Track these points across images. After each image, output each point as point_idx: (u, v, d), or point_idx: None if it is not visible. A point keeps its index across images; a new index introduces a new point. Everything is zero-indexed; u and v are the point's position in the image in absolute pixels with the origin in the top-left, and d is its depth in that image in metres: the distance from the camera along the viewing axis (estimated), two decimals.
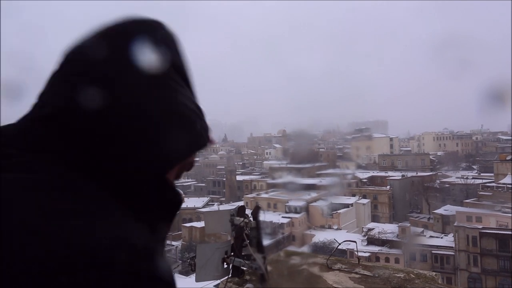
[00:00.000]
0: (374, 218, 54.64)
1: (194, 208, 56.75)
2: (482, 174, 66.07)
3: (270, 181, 68.51)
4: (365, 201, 54.92)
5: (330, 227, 46.79)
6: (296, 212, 48.98)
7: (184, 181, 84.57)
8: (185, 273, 31.43)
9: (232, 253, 2.56)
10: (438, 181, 62.73)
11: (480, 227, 38.62)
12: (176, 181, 0.64)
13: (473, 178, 61.17)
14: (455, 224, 40.57)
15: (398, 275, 2.98)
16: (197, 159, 0.71)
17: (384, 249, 40.82)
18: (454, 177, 63.80)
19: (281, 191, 58.52)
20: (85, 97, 0.52)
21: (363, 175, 65.92)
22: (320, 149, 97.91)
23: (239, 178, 73.72)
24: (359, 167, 78.77)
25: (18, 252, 0.40)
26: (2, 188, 0.45)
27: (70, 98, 0.53)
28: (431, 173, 68.06)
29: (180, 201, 0.62)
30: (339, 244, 5.86)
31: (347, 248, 29.29)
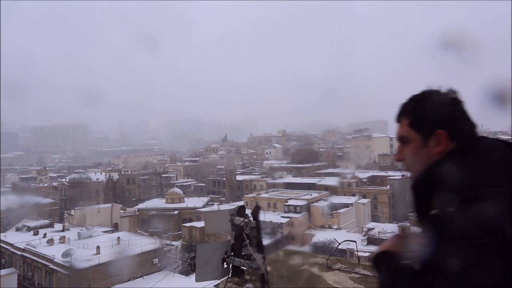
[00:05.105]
0: (374, 218, 54.56)
1: (194, 208, 56.68)
2: None
3: (270, 181, 68.41)
4: (365, 200, 54.84)
5: (330, 227, 46.73)
6: (296, 212, 48.92)
7: (184, 181, 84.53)
8: (185, 273, 31.40)
9: (232, 253, 2.56)
10: None
11: None
12: None
13: None
14: None
15: None
16: None
17: None
18: None
19: (281, 191, 58.49)
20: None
21: (363, 175, 65.85)
22: (320, 149, 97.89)
23: (239, 178, 73.59)
24: (359, 166, 78.72)
25: None
26: None
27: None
28: None
29: None
30: (339, 244, 5.88)
31: (347, 248, 29.30)
